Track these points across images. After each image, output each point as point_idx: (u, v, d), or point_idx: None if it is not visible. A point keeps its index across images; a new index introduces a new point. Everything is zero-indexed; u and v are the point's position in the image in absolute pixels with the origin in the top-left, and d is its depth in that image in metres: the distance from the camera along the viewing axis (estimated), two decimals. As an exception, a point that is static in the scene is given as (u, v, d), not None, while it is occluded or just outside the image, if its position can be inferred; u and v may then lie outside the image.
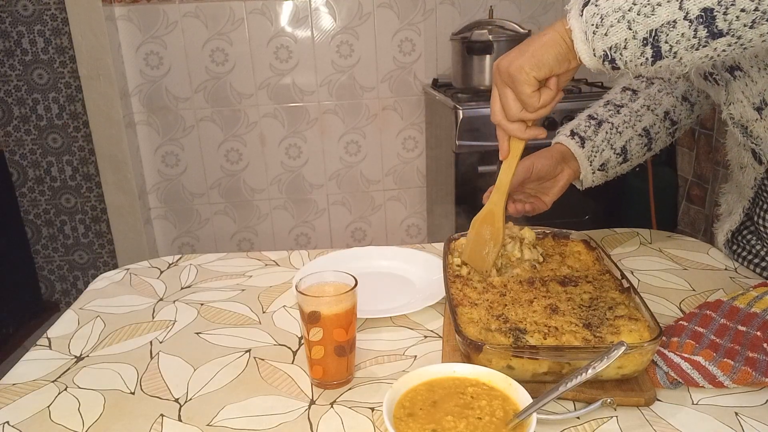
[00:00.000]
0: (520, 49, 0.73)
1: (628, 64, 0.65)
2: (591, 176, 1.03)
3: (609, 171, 1.04)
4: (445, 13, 2.43)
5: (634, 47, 0.64)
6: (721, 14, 0.58)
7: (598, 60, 0.67)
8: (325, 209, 2.65)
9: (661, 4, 0.60)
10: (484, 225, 0.88)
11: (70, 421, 0.69)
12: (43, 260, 2.80)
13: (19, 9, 2.45)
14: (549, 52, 0.70)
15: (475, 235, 0.89)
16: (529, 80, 0.72)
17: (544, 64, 0.71)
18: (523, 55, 0.72)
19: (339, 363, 0.73)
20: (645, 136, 1.03)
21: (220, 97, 2.44)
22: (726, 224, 1.04)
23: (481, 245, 0.87)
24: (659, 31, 0.62)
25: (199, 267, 1.10)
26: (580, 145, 1.01)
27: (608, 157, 1.02)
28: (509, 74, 0.73)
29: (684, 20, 0.60)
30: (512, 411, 0.61)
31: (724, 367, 0.69)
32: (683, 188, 2.29)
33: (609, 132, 1.02)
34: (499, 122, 0.79)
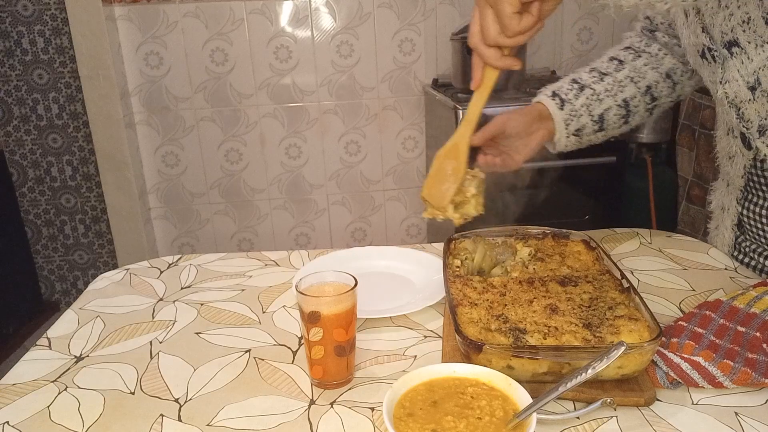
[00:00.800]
0: None
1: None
2: (565, 140, 1.02)
3: (583, 138, 1.04)
4: (445, 13, 2.43)
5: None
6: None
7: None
8: (325, 209, 2.65)
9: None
10: (447, 159, 0.84)
11: (70, 421, 0.69)
12: (43, 260, 2.80)
13: (19, 9, 2.45)
14: None
15: (437, 169, 0.85)
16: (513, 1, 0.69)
17: None
18: None
19: (339, 363, 0.73)
20: (624, 107, 1.03)
21: (220, 97, 2.45)
22: (726, 220, 1.04)
23: (441, 180, 0.84)
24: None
25: (199, 267, 1.10)
26: (560, 106, 1.01)
27: (585, 123, 1.02)
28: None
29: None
30: (512, 411, 0.61)
31: (724, 367, 0.69)
32: (683, 188, 2.30)
33: (590, 98, 1.02)
34: (476, 45, 0.75)
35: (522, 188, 2.06)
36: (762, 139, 0.87)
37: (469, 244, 0.95)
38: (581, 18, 2.45)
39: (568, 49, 2.49)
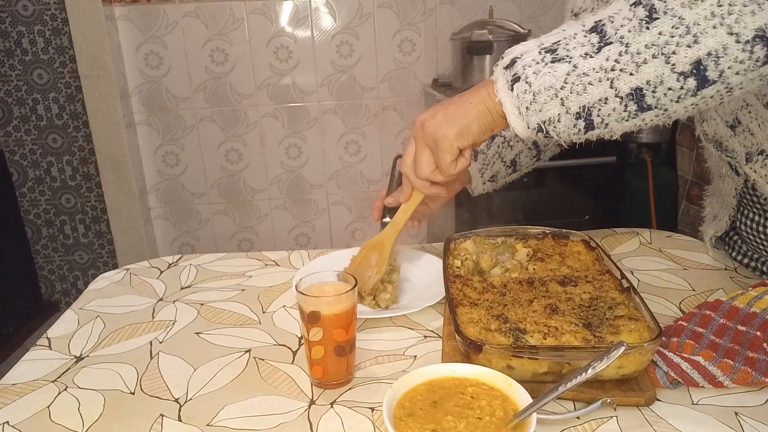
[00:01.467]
0: (446, 113, 0.74)
1: (561, 135, 0.67)
2: (482, 186, 1.06)
3: (498, 181, 1.07)
4: (445, 13, 2.43)
5: (567, 121, 0.66)
6: (650, 92, 0.61)
7: (532, 131, 0.68)
8: (325, 209, 2.65)
9: (592, 83, 0.62)
10: (373, 251, 0.94)
11: (70, 421, 0.69)
12: (43, 260, 2.80)
13: (19, 9, 2.45)
14: (475, 123, 0.72)
15: (363, 256, 0.94)
16: (453, 150, 0.75)
17: (469, 134, 0.73)
18: (449, 122, 0.74)
19: (339, 363, 0.73)
20: (534, 148, 1.06)
21: (220, 97, 2.44)
22: (711, 229, 1.04)
23: (366, 267, 0.93)
24: (591, 107, 0.64)
25: (199, 267, 1.10)
26: (473, 158, 1.02)
27: (498, 169, 1.05)
28: (434, 139, 0.75)
29: (615, 97, 0.62)
30: (512, 411, 0.61)
31: (724, 367, 0.69)
32: (683, 188, 2.29)
33: (501, 146, 1.03)
34: (408, 174, 0.83)
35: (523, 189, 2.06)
36: (749, 165, 0.86)
37: (470, 244, 0.95)
38: (581, 18, 2.44)
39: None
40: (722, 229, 1.01)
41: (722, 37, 0.56)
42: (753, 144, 0.84)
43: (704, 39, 0.57)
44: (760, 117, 0.80)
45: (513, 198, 2.02)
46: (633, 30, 0.60)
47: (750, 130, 0.82)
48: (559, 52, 0.64)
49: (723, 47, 0.57)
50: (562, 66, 0.64)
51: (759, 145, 0.83)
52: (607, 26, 0.62)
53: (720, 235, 1.04)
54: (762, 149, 0.83)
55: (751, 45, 0.56)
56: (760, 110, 0.80)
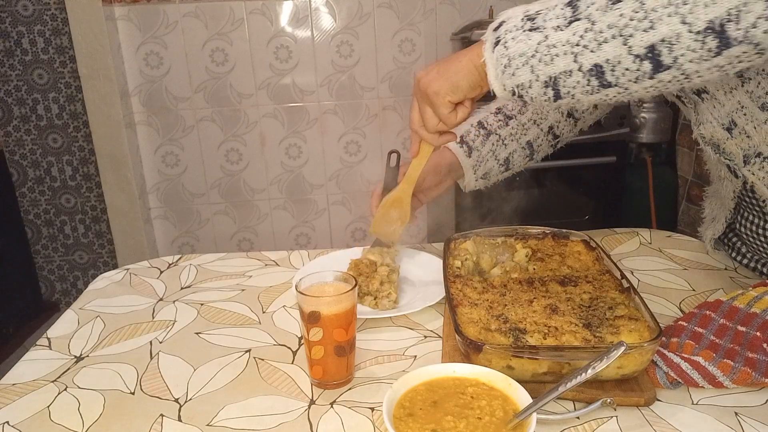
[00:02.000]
0: (439, 70, 0.79)
1: (534, 100, 0.71)
2: (474, 183, 1.08)
3: (491, 179, 1.09)
4: (445, 13, 2.43)
5: (538, 88, 0.69)
6: (609, 70, 0.63)
7: (508, 93, 0.72)
8: (325, 209, 2.65)
9: (558, 55, 0.66)
10: (392, 208, 0.99)
11: (70, 421, 0.69)
12: (43, 260, 2.80)
13: (19, 9, 2.45)
14: (464, 79, 0.76)
15: (382, 214, 0.99)
16: (446, 103, 0.79)
17: (459, 89, 0.77)
18: (440, 78, 0.78)
19: (339, 363, 0.73)
20: (528, 148, 1.08)
21: (220, 97, 2.44)
22: (709, 231, 1.05)
23: (389, 223, 1.00)
24: (558, 78, 0.67)
25: (199, 267, 1.10)
26: (467, 154, 1.05)
27: (491, 167, 1.07)
28: (427, 96, 0.80)
29: (578, 71, 0.65)
30: (512, 411, 0.61)
31: (724, 367, 0.69)
32: (683, 188, 2.29)
33: (495, 144, 1.06)
34: (417, 131, 0.86)
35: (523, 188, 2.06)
36: (747, 167, 0.86)
37: (470, 244, 0.95)
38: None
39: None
40: (719, 231, 1.01)
41: (676, 25, 0.58)
42: (750, 147, 0.84)
43: (659, 25, 0.59)
44: (756, 119, 0.80)
45: (513, 198, 2.02)
46: (600, 9, 0.63)
47: (746, 132, 0.83)
48: (537, 21, 0.68)
49: (676, 35, 0.59)
50: (536, 35, 0.67)
51: (756, 147, 0.83)
52: (581, 2, 0.65)
53: (719, 237, 1.04)
54: (759, 152, 0.83)
55: (703, 36, 0.58)
56: (755, 112, 0.80)
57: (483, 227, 0.99)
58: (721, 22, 0.56)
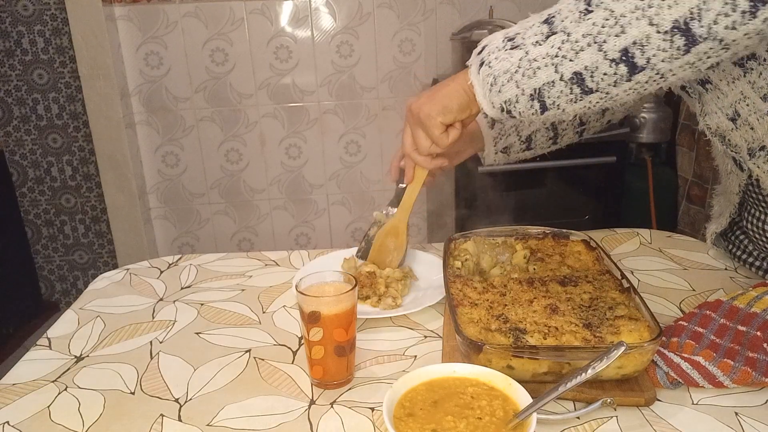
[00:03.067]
0: (429, 95, 0.83)
1: (522, 114, 0.74)
2: (493, 156, 1.07)
3: (511, 155, 1.09)
4: (445, 13, 2.43)
5: (524, 101, 0.73)
6: (588, 77, 0.67)
7: (497, 110, 0.76)
8: (325, 209, 2.65)
9: (540, 68, 0.70)
10: (388, 237, 1.00)
11: (70, 421, 0.69)
12: (43, 260, 2.80)
13: (19, 9, 2.45)
14: (454, 102, 0.81)
15: (379, 244, 1.01)
16: (437, 125, 0.82)
17: (450, 110, 0.81)
18: (431, 102, 0.82)
19: (339, 363, 0.73)
20: (552, 129, 1.07)
21: (220, 97, 2.44)
22: (713, 226, 1.05)
23: (385, 253, 1.01)
24: (542, 89, 0.71)
25: (199, 267, 1.10)
26: (490, 125, 1.05)
27: (512, 142, 1.06)
28: (419, 119, 0.84)
29: (560, 81, 0.69)
30: (512, 411, 0.61)
31: (724, 367, 0.69)
32: (683, 188, 2.29)
33: None
34: (410, 154, 0.90)
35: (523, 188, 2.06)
36: (753, 160, 0.87)
37: (470, 245, 0.95)
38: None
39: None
40: (722, 225, 1.02)
41: (644, 27, 0.62)
42: (755, 139, 0.84)
43: (629, 29, 0.63)
44: (758, 110, 0.81)
45: (513, 198, 2.02)
46: (574, 21, 0.67)
47: (749, 123, 0.83)
48: (517, 40, 0.73)
49: (646, 37, 0.62)
50: (517, 52, 0.72)
51: (760, 140, 0.84)
52: (556, 18, 0.70)
53: (722, 232, 1.04)
54: (763, 145, 0.84)
55: (671, 35, 0.61)
56: (757, 103, 0.80)
57: (483, 227, 0.99)
58: (685, 21, 0.59)
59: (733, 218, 1.01)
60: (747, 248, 1.01)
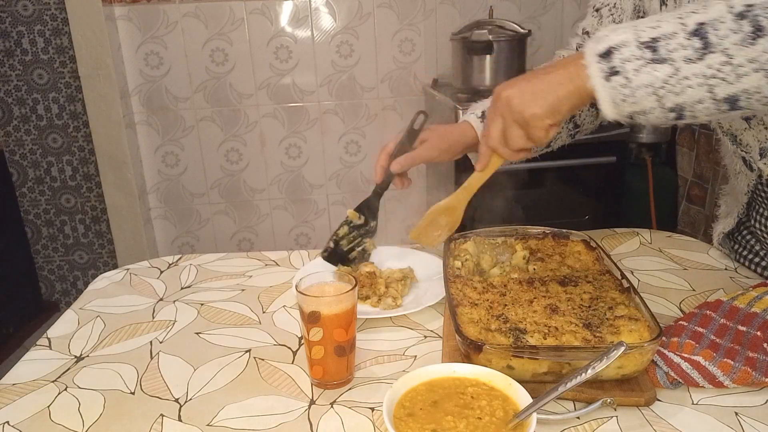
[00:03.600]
0: (533, 91, 0.75)
1: (649, 122, 0.71)
2: None
3: None
4: (445, 13, 2.43)
5: (659, 113, 0.69)
6: (744, 98, 0.64)
7: (621, 116, 0.71)
8: (325, 209, 2.65)
9: (692, 87, 0.65)
10: (443, 215, 0.97)
11: (70, 421, 0.69)
12: (43, 260, 2.80)
13: (19, 9, 2.45)
14: (565, 102, 0.74)
15: (429, 221, 0.99)
16: (545, 126, 0.76)
17: (559, 113, 0.75)
18: (538, 100, 0.74)
19: (339, 363, 0.73)
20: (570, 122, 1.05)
21: (220, 97, 2.44)
22: (720, 225, 1.04)
23: (434, 228, 0.99)
24: (685, 105, 0.67)
25: (199, 267, 1.10)
26: None
27: None
28: (524, 120, 0.76)
29: (711, 100, 0.65)
30: (512, 411, 0.61)
31: (724, 367, 0.69)
32: (683, 188, 2.30)
33: None
34: (496, 148, 0.84)
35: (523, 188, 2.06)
36: (764, 161, 0.86)
37: (470, 245, 0.95)
38: (581, 18, 2.45)
39: (568, 48, 2.49)
40: (730, 225, 1.01)
41: None
42: (767, 139, 0.84)
43: None
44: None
45: (513, 198, 2.02)
46: (738, 43, 0.63)
47: (764, 123, 0.82)
48: (660, 51, 0.66)
49: None
50: (664, 68, 0.66)
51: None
52: (710, 33, 0.64)
53: (729, 232, 1.04)
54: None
55: None
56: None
57: (483, 227, 0.99)
58: None
59: (740, 218, 1.00)
60: (753, 248, 1.01)
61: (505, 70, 2.13)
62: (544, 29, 2.45)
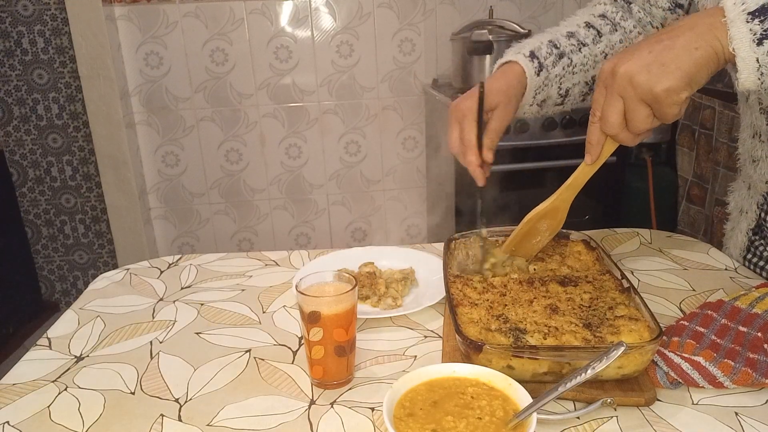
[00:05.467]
0: (661, 62, 0.64)
1: None
2: (528, 108, 0.96)
3: (543, 108, 0.98)
4: (445, 13, 2.43)
5: None
6: None
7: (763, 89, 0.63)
8: (325, 209, 2.65)
9: None
10: (543, 220, 0.88)
11: (70, 421, 0.69)
12: (43, 260, 2.80)
13: (19, 9, 2.45)
14: (703, 70, 0.64)
15: (528, 229, 0.88)
16: (680, 101, 0.65)
17: (697, 83, 0.64)
18: (668, 72, 0.64)
19: (339, 363, 0.73)
20: (590, 85, 0.98)
21: (220, 97, 2.44)
22: (743, 223, 1.00)
23: (531, 236, 0.89)
24: None
25: (199, 267, 1.10)
26: (537, 72, 0.92)
27: (551, 95, 0.96)
28: (654, 96, 0.65)
29: None
30: (512, 411, 0.61)
31: (725, 367, 0.69)
32: (683, 188, 2.29)
33: (565, 68, 0.94)
34: (617, 134, 0.72)
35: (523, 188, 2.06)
36: None
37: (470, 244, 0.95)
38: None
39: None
40: (753, 220, 0.96)
41: None
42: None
43: None
44: None
45: (513, 198, 2.02)
46: None
47: None
48: None
49: None
50: None
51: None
52: None
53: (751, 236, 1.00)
54: None
55: None
56: None
57: (483, 227, 0.99)
58: None
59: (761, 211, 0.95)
60: (761, 253, 0.98)
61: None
62: (544, 29, 2.45)
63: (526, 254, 0.90)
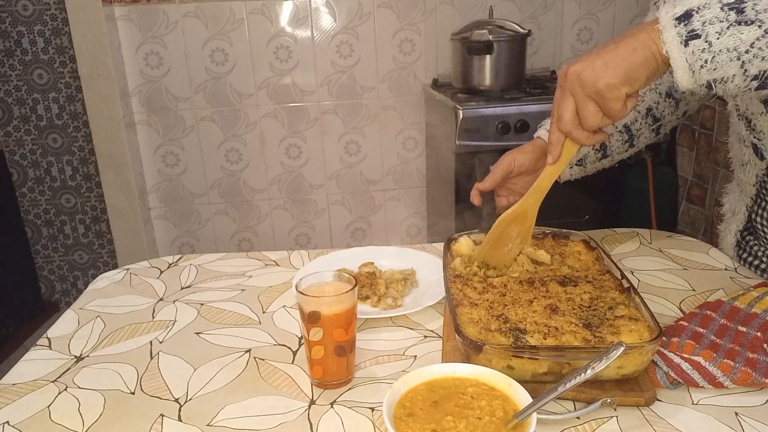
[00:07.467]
0: (604, 61, 0.70)
1: (728, 91, 0.67)
2: (569, 171, 1.02)
3: (587, 166, 1.03)
4: (445, 13, 2.43)
5: (741, 81, 0.65)
6: None
7: (698, 87, 0.67)
8: (325, 209, 2.65)
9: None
10: (512, 224, 0.88)
11: (70, 421, 0.69)
12: (43, 260, 2.80)
13: (19, 9, 2.45)
14: (641, 69, 0.69)
15: (498, 234, 0.89)
16: (621, 97, 0.70)
17: (636, 80, 0.69)
18: (610, 69, 0.69)
19: (339, 363, 0.73)
20: (626, 132, 1.02)
21: (220, 97, 2.44)
22: (733, 224, 1.03)
23: (503, 242, 0.89)
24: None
25: (199, 267, 1.10)
26: None
27: (587, 153, 1.01)
28: (597, 91, 0.71)
29: None
30: (512, 411, 0.61)
31: (724, 367, 0.69)
32: (683, 188, 2.29)
33: None
34: (570, 131, 0.76)
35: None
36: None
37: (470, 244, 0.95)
38: (581, 18, 2.45)
39: (568, 48, 2.49)
40: (742, 222, 0.99)
41: None
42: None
43: None
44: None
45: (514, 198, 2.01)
46: None
47: None
48: (747, 12, 0.62)
49: None
50: (752, 30, 0.61)
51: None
52: None
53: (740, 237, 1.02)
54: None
55: None
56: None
57: (483, 227, 0.99)
58: None
59: (750, 212, 0.98)
60: (752, 250, 1.00)
61: (505, 70, 2.13)
62: (544, 29, 2.45)
63: (498, 263, 0.89)
